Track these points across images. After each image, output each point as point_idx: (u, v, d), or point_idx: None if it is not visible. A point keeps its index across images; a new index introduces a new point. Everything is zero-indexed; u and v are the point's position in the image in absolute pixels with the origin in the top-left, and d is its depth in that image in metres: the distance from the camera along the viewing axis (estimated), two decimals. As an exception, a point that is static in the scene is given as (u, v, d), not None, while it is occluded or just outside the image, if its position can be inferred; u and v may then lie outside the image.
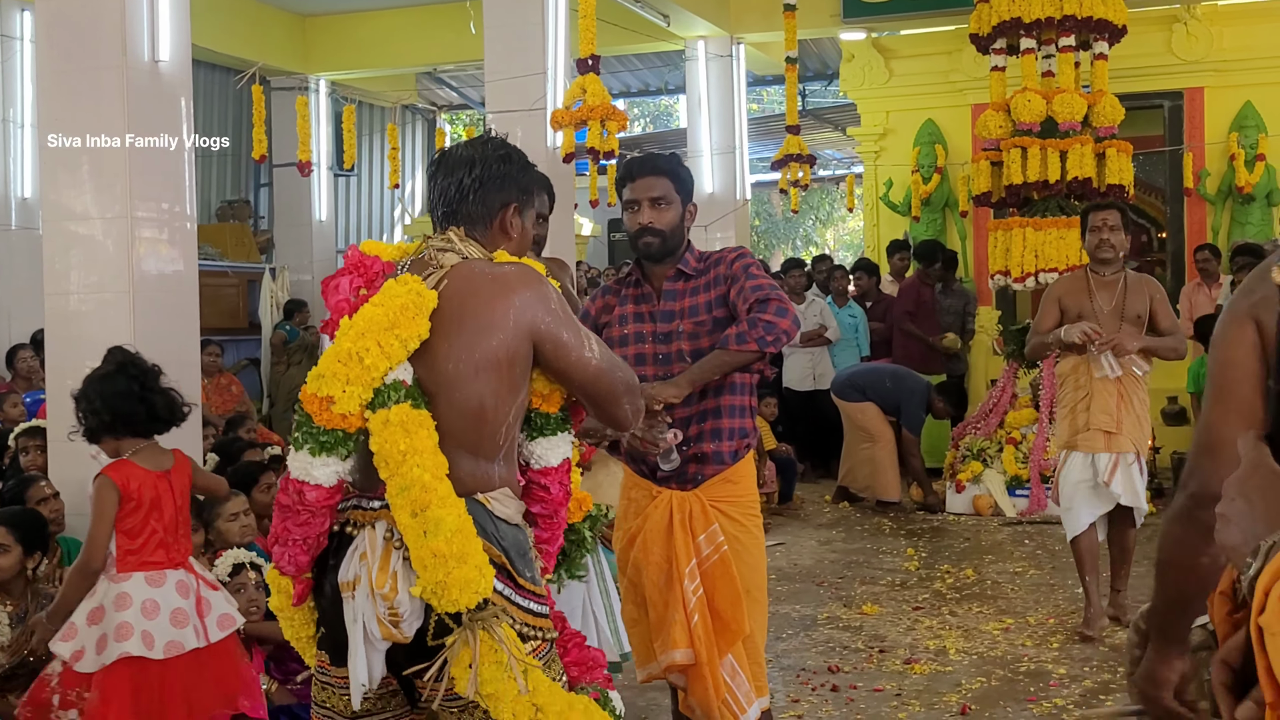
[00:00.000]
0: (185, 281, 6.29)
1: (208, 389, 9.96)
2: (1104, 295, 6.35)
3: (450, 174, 2.89)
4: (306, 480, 2.67)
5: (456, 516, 2.57)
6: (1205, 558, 2.08)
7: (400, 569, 2.60)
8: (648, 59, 16.78)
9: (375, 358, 2.62)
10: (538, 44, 8.94)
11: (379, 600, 2.59)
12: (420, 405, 2.66)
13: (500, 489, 2.77)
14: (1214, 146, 12.39)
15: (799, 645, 6.39)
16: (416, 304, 2.66)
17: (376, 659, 2.65)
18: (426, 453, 2.61)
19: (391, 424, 2.61)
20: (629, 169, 4.06)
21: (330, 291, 2.79)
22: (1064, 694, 5.47)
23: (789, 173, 11.86)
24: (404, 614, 2.60)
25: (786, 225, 28.80)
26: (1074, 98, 9.70)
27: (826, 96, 18.66)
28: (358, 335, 2.65)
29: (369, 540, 2.65)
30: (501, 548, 2.67)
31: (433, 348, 2.70)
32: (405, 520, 2.57)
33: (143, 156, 5.98)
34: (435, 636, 2.63)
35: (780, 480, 10.45)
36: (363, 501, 2.73)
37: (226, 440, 7.92)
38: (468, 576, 2.54)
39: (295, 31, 14.25)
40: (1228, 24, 12.35)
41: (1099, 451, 6.31)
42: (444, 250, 2.81)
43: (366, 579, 2.61)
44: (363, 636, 2.62)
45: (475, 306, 2.70)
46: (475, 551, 2.57)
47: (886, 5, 12.50)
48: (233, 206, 14.72)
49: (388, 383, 2.65)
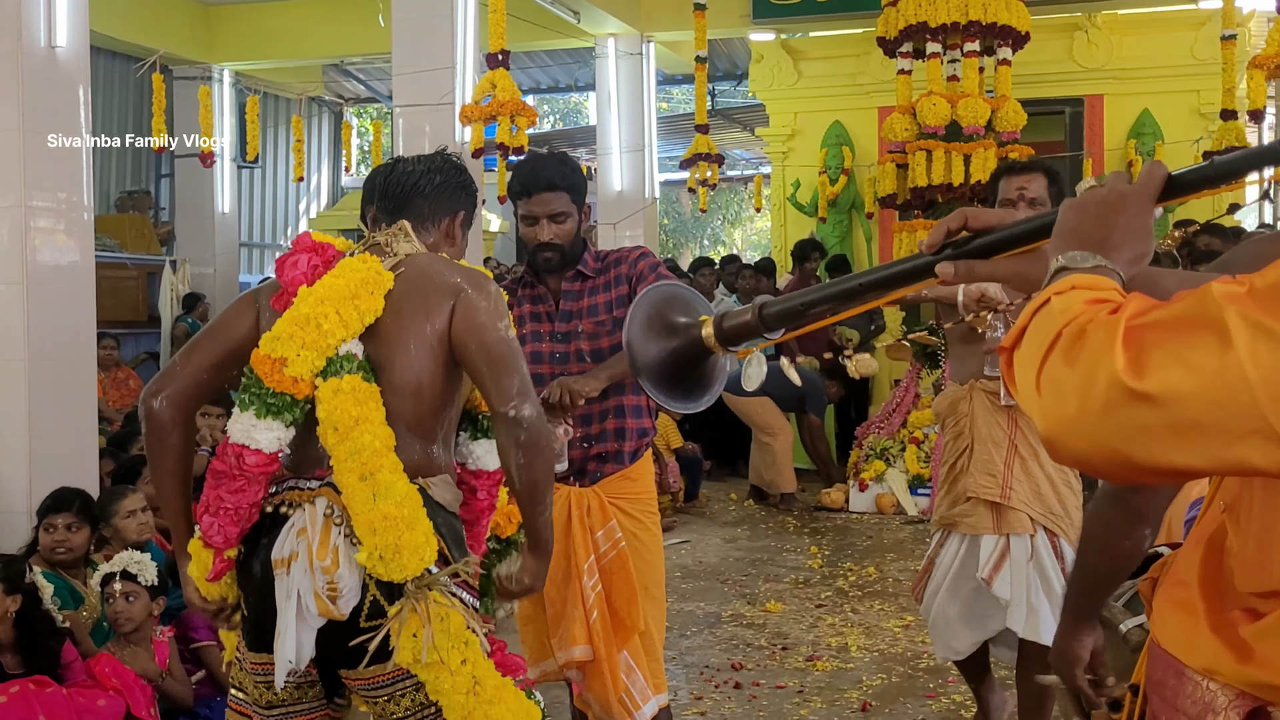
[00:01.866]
0: (82, 273, 6.16)
1: (104, 383, 9.76)
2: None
3: (408, 170, 3.00)
4: (247, 444, 2.68)
5: (405, 483, 2.62)
6: (1128, 541, 2.14)
7: (341, 544, 2.62)
8: (558, 55, 16.74)
9: (333, 324, 2.68)
10: (446, 38, 8.86)
11: (319, 574, 2.59)
12: (370, 380, 2.71)
13: (440, 475, 2.79)
14: (1113, 153, 12.63)
15: (703, 643, 6.41)
16: (375, 280, 2.74)
17: (307, 638, 2.63)
18: (377, 422, 2.65)
19: (343, 392, 2.65)
20: (525, 185, 3.96)
21: (287, 267, 2.82)
22: (963, 690, 5.54)
23: (698, 171, 11.90)
24: (343, 589, 2.60)
25: (695, 224, 28.92)
26: (978, 102, 9.84)
27: (735, 97, 18.76)
28: (317, 301, 2.70)
29: (309, 516, 2.66)
30: (440, 533, 2.68)
31: (381, 326, 2.76)
32: (353, 483, 2.59)
33: (38, 144, 5.84)
34: (369, 618, 2.62)
35: (686, 478, 10.48)
36: (299, 482, 2.75)
37: (121, 434, 7.78)
38: (417, 542, 2.58)
39: (198, 19, 14.01)
40: (1127, 33, 12.60)
41: (980, 532, 4.34)
42: (396, 240, 2.90)
43: (306, 553, 2.61)
44: (295, 613, 2.60)
45: (424, 289, 2.77)
46: (423, 519, 2.61)
47: (796, 7, 12.59)
48: (133, 197, 14.45)
49: (340, 354, 2.70)
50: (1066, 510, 4.28)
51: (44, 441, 5.81)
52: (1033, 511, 4.26)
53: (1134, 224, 1.44)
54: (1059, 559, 4.23)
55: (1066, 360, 1.25)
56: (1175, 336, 1.19)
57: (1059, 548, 4.24)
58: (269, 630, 2.65)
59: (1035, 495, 4.26)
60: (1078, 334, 1.26)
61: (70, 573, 5.09)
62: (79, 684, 4.41)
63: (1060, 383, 1.25)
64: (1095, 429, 1.21)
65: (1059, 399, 1.25)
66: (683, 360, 1.93)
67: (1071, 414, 1.23)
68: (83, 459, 6.07)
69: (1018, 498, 4.25)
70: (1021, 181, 4.25)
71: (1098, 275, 1.37)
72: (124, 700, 4.44)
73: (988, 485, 4.28)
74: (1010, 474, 4.28)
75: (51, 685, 4.30)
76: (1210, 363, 1.16)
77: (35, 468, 5.74)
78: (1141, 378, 1.18)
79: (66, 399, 5.98)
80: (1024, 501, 4.25)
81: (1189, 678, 1.46)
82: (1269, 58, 9.02)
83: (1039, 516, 4.25)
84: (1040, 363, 1.28)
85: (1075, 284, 1.34)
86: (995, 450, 4.30)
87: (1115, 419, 1.20)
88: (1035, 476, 4.26)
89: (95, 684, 4.42)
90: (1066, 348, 1.26)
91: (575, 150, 19.20)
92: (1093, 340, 1.23)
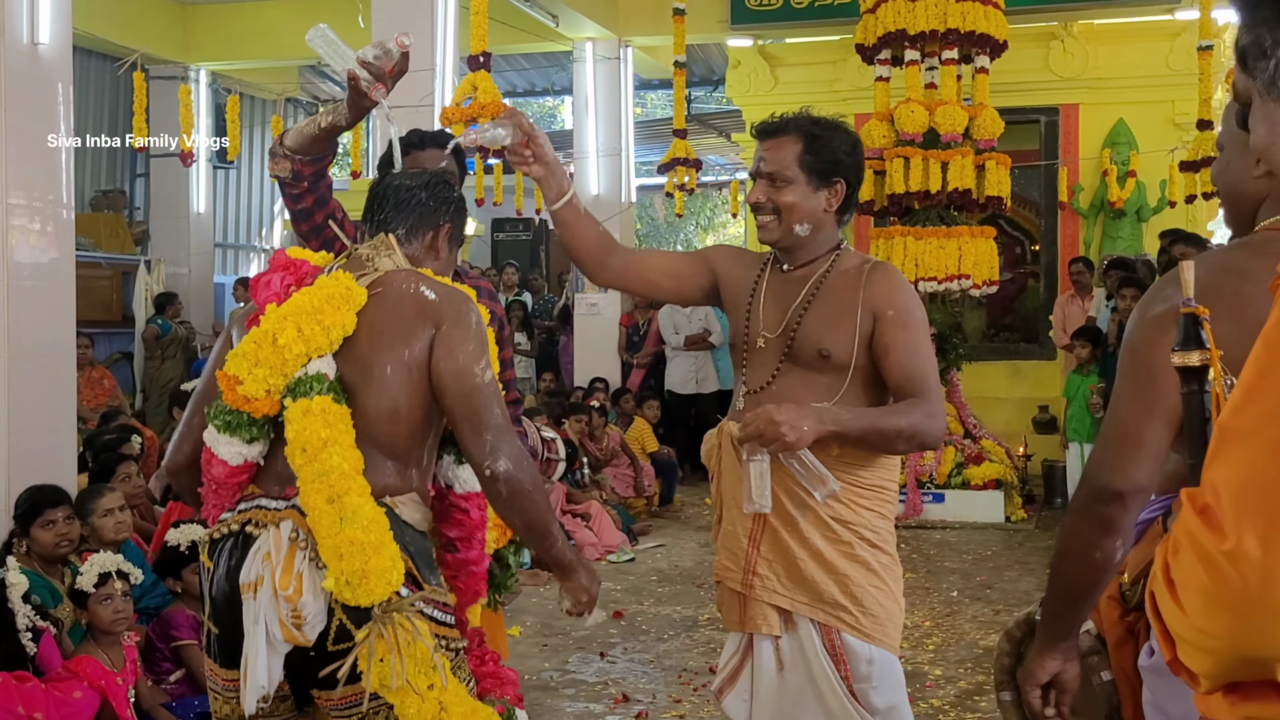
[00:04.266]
0: (61, 271, 6.14)
1: (79, 382, 9.71)
2: (773, 306, 3.18)
3: (395, 184, 2.95)
4: (214, 451, 2.69)
5: (372, 507, 2.57)
6: (1098, 553, 2.13)
7: (306, 570, 2.57)
8: (534, 59, 16.75)
9: (290, 339, 2.62)
10: (426, 40, 8.85)
11: (282, 602, 2.55)
12: (341, 401, 2.66)
13: (409, 494, 2.74)
14: (1088, 162, 12.73)
15: (680, 646, 6.42)
16: (344, 296, 2.68)
17: (276, 662, 2.59)
18: (345, 445, 2.60)
19: (312, 414, 2.60)
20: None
21: (261, 288, 2.79)
22: (939, 695, 5.57)
23: (675, 176, 11.92)
24: (307, 616, 2.55)
25: (669, 230, 28.93)
26: (956, 110, 9.89)
27: (710, 102, 18.79)
28: (279, 318, 2.66)
29: (273, 540, 2.60)
30: (408, 553, 2.65)
31: (355, 343, 2.71)
32: (320, 506, 2.54)
33: (18, 142, 5.81)
34: (336, 641, 2.59)
35: (661, 482, 10.50)
36: (265, 502, 2.70)
37: (96, 431, 7.75)
38: (384, 566, 2.53)
39: (176, 19, 13.97)
40: (1103, 43, 12.70)
41: (729, 629, 3.30)
42: (378, 254, 2.84)
43: (270, 580, 2.57)
44: (264, 638, 2.57)
45: (402, 311, 2.72)
46: (390, 543, 2.56)
47: (774, 13, 12.63)
48: (108, 196, 14.39)
49: (310, 373, 2.65)
50: (851, 593, 3.04)
51: (22, 439, 5.78)
52: (789, 601, 3.08)
53: None
54: (836, 660, 3.05)
55: (1184, 569, 1.26)
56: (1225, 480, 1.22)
57: (837, 646, 3.04)
58: (237, 648, 2.63)
59: (794, 579, 3.07)
60: (1173, 549, 1.28)
61: (49, 570, 5.06)
62: (55, 679, 4.39)
63: (1195, 583, 1.25)
64: (1247, 607, 1.21)
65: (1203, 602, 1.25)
66: None
67: (1218, 607, 1.23)
68: (61, 457, 6.05)
69: (763, 586, 3.09)
70: (761, 150, 3.18)
71: None
72: (99, 696, 4.42)
73: (729, 568, 3.17)
74: (756, 553, 3.11)
75: (31, 680, 4.29)
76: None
77: (14, 466, 5.71)
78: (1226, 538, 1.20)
79: (45, 397, 5.96)
80: (772, 590, 3.08)
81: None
82: (1247, 69, 9.09)
83: (803, 608, 3.06)
84: (1170, 592, 1.29)
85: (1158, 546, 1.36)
86: (740, 518, 3.11)
87: (1246, 583, 1.20)
88: (793, 553, 3.05)
89: (73, 676, 4.40)
90: (1176, 562, 1.27)
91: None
92: (1187, 544, 1.25)
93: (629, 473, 10.28)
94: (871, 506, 3.08)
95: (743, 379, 3.20)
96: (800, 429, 2.79)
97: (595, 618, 2.92)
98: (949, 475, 9.77)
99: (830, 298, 3.10)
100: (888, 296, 3.06)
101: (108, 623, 4.55)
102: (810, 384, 3.05)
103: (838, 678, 3.03)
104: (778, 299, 3.16)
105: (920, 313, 3.11)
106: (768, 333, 3.14)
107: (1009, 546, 8.94)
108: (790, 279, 3.17)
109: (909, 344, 3.03)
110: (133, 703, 4.61)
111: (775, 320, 3.14)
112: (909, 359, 3.02)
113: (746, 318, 3.20)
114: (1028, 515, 9.87)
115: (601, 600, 2.93)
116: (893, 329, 3.02)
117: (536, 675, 5.91)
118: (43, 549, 5.09)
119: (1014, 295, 13.08)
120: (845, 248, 3.23)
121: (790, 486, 2.99)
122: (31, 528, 5.10)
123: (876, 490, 3.10)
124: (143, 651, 4.98)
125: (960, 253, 9.79)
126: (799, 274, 3.17)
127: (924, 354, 3.07)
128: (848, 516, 3.04)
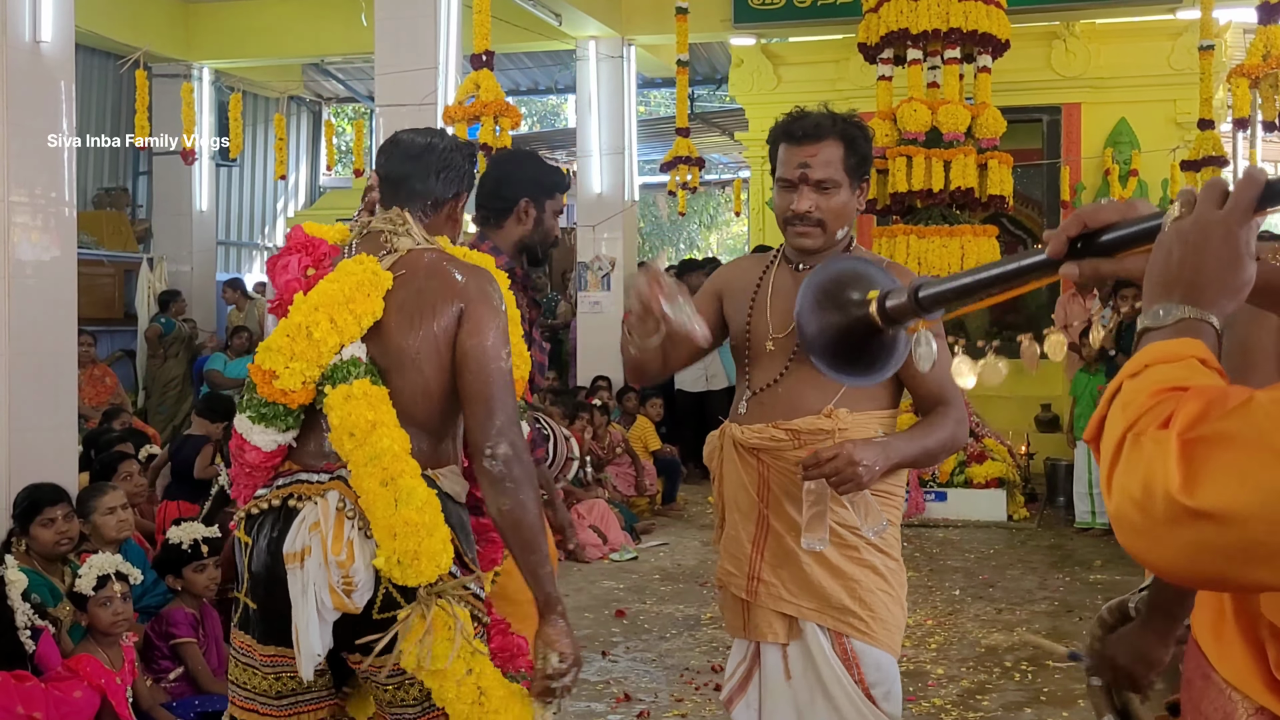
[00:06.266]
0: (63, 269, 6.13)
1: (80, 380, 9.70)
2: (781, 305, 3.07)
3: (412, 150, 2.91)
4: (246, 439, 2.72)
5: (426, 488, 2.61)
6: None
7: (356, 538, 2.60)
8: (538, 57, 16.74)
9: (325, 332, 2.65)
10: (429, 38, 8.86)
11: (334, 568, 2.57)
12: (379, 383, 2.69)
13: (448, 466, 2.78)
14: (1090, 161, 12.72)
15: (683, 645, 6.42)
16: (373, 282, 2.70)
17: (325, 630, 2.61)
18: (392, 425, 2.63)
19: (355, 398, 2.63)
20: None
21: (279, 271, 2.81)
22: (942, 694, 5.57)
23: (678, 175, 11.92)
24: (358, 583, 2.58)
25: (671, 228, 28.91)
26: (958, 109, 9.89)
27: (713, 101, 18.78)
28: (310, 309, 2.67)
29: (321, 510, 2.63)
30: (450, 525, 2.67)
31: (384, 327, 2.73)
32: (373, 488, 2.57)
33: (21, 139, 5.81)
34: (382, 610, 2.61)
35: (664, 481, 10.50)
36: (306, 476, 2.72)
37: (97, 430, 7.75)
38: (435, 549, 2.56)
39: (179, 17, 13.97)
40: (1105, 42, 12.70)
41: (733, 635, 3.20)
42: (396, 233, 2.84)
43: (320, 547, 2.59)
44: (315, 607, 2.59)
45: (430, 292, 2.73)
46: (442, 525, 2.60)
47: (777, 12, 12.63)
48: (110, 194, 14.40)
49: (345, 359, 2.68)
50: (860, 598, 2.96)
51: (23, 437, 5.78)
52: (795, 608, 2.99)
53: (1222, 256, 1.33)
54: (848, 665, 2.96)
55: (1128, 470, 1.22)
56: (1228, 451, 1.16)
57: (849, 651, 2.96)
58: (279, 623, 2.64)
59: (800, 584, 2.98)
60: (1134, 442, 1.23)
61: (48, 569, 5.06)
62: (55, 678, 4.39)
63: (1126, 491, 1.22)
64: (1165, 543, 1.19)
65: (1126, 508, 1.22)
66: (853, 336, 1.96)
67: (1139, 526, 1.20)
68: (62, 455, 6.04)
69: (769, 593, 3.01)
70: (803, 155, 3.01)
71: (1181, 340, 1.31)
72: (99, 695, 4.42)
73: (733, 574, 3.09)
74: (760, 559, 3.03)
75: (30, 679, 4.29)
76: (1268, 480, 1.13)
77: (14, 463, 5.71)
78: (1195, 495, 1.15)
79: (46, 395, 5.95)
80: (778, 598, 3.00)
81: (1215, 683, 1.44)
82: (1254, 67, 9.10)
83: (811, 614, 2.98)
84: (1110, 466, 1.25)
85: (1151, 360, 1.30)
86: (743, 523, 3.07)
87: (1179, 536, 1.17)
88: (799, 558, 2.97)
89: (73, 675, 4.40)
90: (1128, 455, 1.23)
91: (554, 153, 19.20)
92: (1148, 454, 1.20)
93: (631, 471, 10.28)
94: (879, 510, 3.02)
95: (746, 379, 3.11)
96: (874, 469, 2.80)
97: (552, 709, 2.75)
98: (951, 474, 9.77)
99: None
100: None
101: (108, 625, 4.54)
102: (817, 384, 2.94)
103: (852, 683, 2.94)
104: (786, 298, 3.01)
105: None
106: (776, 332, 3.04)
107: (1011, 545, 8.93)
108: (800, 277, 3.03)
109: None
110: (131, 703, 4.61)
111: (784, 320, 3.02)
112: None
113: (748, 318, 3.12)
114: (1030, 514, 9.87)
115: (604, 599, 2.91)
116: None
117: (538, 674, 5.90)
118: (42, 547, 5.08)
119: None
120: (856, 246, 3.17)
121: (791, 490, 2.94)
122: (31, 526, 5.10)
123: (883, 495, 3.00)
124: (141, 650, 4.98)
125: (963, 251, 9.80)
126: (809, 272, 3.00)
127: (942, 357, 3.00)
128: (853, 521, 2.95)
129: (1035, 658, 5.95)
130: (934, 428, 2.98)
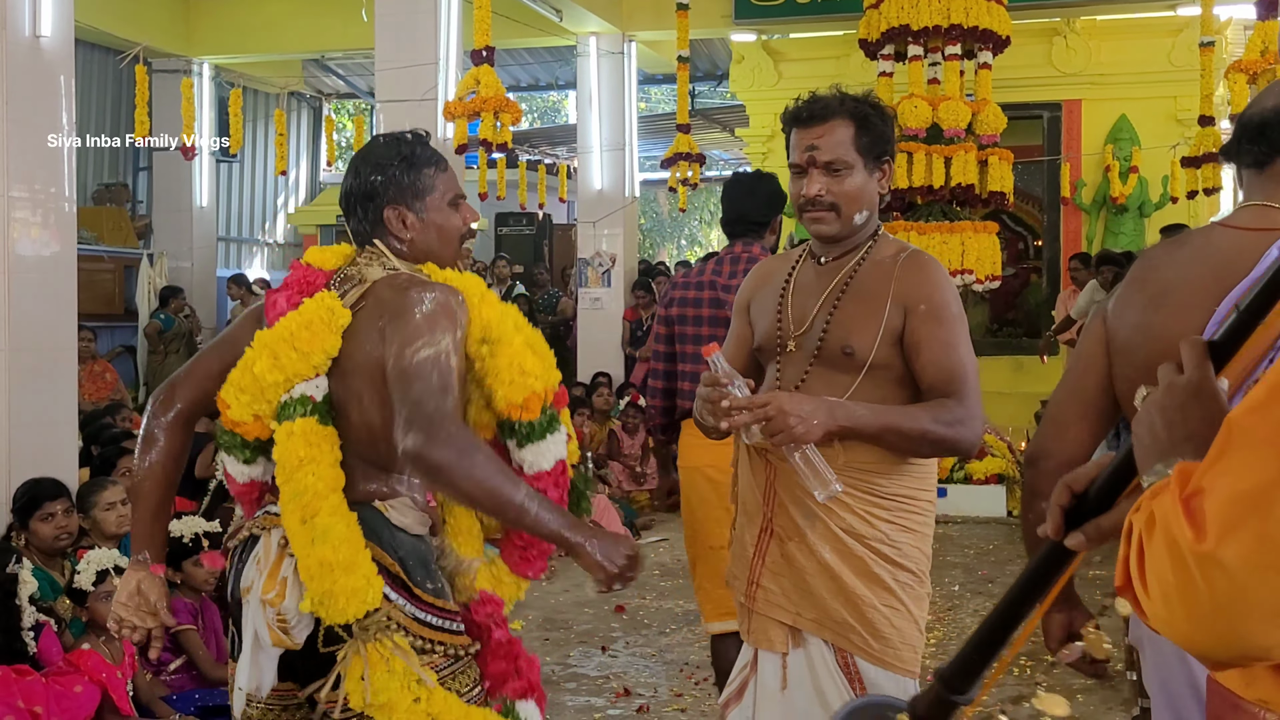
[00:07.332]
0: (63, 265, 6.13)
1: (80, 376, 9.71)
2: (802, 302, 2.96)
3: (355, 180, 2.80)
4: (226, 467, 2.76)
5: (345, 525, 2.54)
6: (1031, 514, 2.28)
7: (290, 576, 2.58)
8: (538, 53, 16.74)
9: (265, 368, 2.62)
10: (429, 34, 8.87)
11: (267, 607, 2.56)
12: (327, 422, 2.64)
13: (400, 498, 2.70)
14: (1090, 157, 12.73)
15: (682, 640, 6.42)
16: (325, 319, 2.64)
17: (269, 665, 2.61)
18: (324, 464, 2.59)
19: (295, 435, 2.60)
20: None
21: (270, 307, 2.77)
22: (941, 689, 5.57)
23: (679, 171, 11.92)
24: (292, 621, 2.56)
25: (672, 224, 28.95)
26: (959, 105, 9.88)
27: (714, 97, 18.78)
28: (260, 345, 2.66)
29: (264, 545, 2.63)
30: (397, 557, 2.62)
31: (342, 362, 2.67)
32: (294, 526, 2.55)
33: (20, 135, 5.81)
34: (325, 644, 2.59)
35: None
36: (272, 508, 2.70)
37: (96, 426, 7.75)
38: (355, 586, 2.51)
39: (179, 12, 13.97)
40: (1105, 38, 12.70)
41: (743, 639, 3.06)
42: (371, 264, 2.74)
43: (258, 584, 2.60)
44: (254, 642, 2.59)
45: (385, 324, 2.62)
46: (364, 561, 2.54)
47: (778, 8, 12.63)
48: (110, 190, 14.40)
49: (294, 396, 2.64)
50: (861, 613, 2.82)
51: (23, 432, 5.78)
52: (794, 618, 2.88)
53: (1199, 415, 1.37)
54: (851, 680, 2.84)
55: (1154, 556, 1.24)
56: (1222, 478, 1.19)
57: (851, 667, 2.84)
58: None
59: (801, 593, 2.86)
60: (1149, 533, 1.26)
61: (48, 563, 5.07)
62: (56, 673, 4.40)
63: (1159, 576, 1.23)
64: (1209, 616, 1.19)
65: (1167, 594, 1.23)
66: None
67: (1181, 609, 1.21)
68: (62, 450, 6.05)
69: (767, 600, 2.91)
70: (810, 138, 2.88)
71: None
72: (100, 689, 4.43)
73: (736, 576, 3.00)
74: (760, 564, 2.93)
75: (31, 673, 4.30)
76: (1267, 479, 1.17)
77: (14, 459, 5.71)
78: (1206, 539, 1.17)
79: (46, 390, 5.95)
80: (776, 605, 2.89)
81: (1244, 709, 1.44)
82: (1252, 63, 9.09)
83: (810, 625, 2.85)
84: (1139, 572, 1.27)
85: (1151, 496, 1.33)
86: (749, 525, 2.97)
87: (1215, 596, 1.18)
88: (800, 566, 2.85)
89: (74, 670, 4.41)
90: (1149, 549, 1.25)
91: (555, 148, 19.20)
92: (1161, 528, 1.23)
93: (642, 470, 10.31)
94: (893, 519, 2.82)
95: (776, 383, 2.93)
96: (810, 422, 2.59)
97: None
98: (951, 470, 9.77)
99: (860, 291, 2.85)
100: (920, 289, 2.80)
101: (108, 619, 4.55)
102: (836, 386, 2.80)
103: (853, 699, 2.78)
104: (808, 294, 2.92)
105: (957, 306, 2.83)
106: (797, 331, 2.91)
107: (1011, 541, 8.93)
108: (823, 272, 2.93)
109: (943, 340, 2.76)
110: (131, 696, 4.62)
111: (803, 317, 2.90)
112: (944, 356, 2.76)
113: (778, 318, 2.97)
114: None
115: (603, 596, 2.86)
116: (925, 324, 2.77)
117: (538, 669, 5.91)
118: (42, 542, 5.09)
119: (1017, 290, 13.08)
120: (883, 234, 2.96)
121: (797, 494, 2.80)
122: (30, 520, 5.10)
123: (900, 501, 2.83)
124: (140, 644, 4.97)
125: (963, 248, 9.79)
126: (832, 266, 2.92)
127: (960, 351, 2.79)
128: (860, 529, 2.79)
129: (1034, 652, 5.95)
130: (917, 412, 2.74)
